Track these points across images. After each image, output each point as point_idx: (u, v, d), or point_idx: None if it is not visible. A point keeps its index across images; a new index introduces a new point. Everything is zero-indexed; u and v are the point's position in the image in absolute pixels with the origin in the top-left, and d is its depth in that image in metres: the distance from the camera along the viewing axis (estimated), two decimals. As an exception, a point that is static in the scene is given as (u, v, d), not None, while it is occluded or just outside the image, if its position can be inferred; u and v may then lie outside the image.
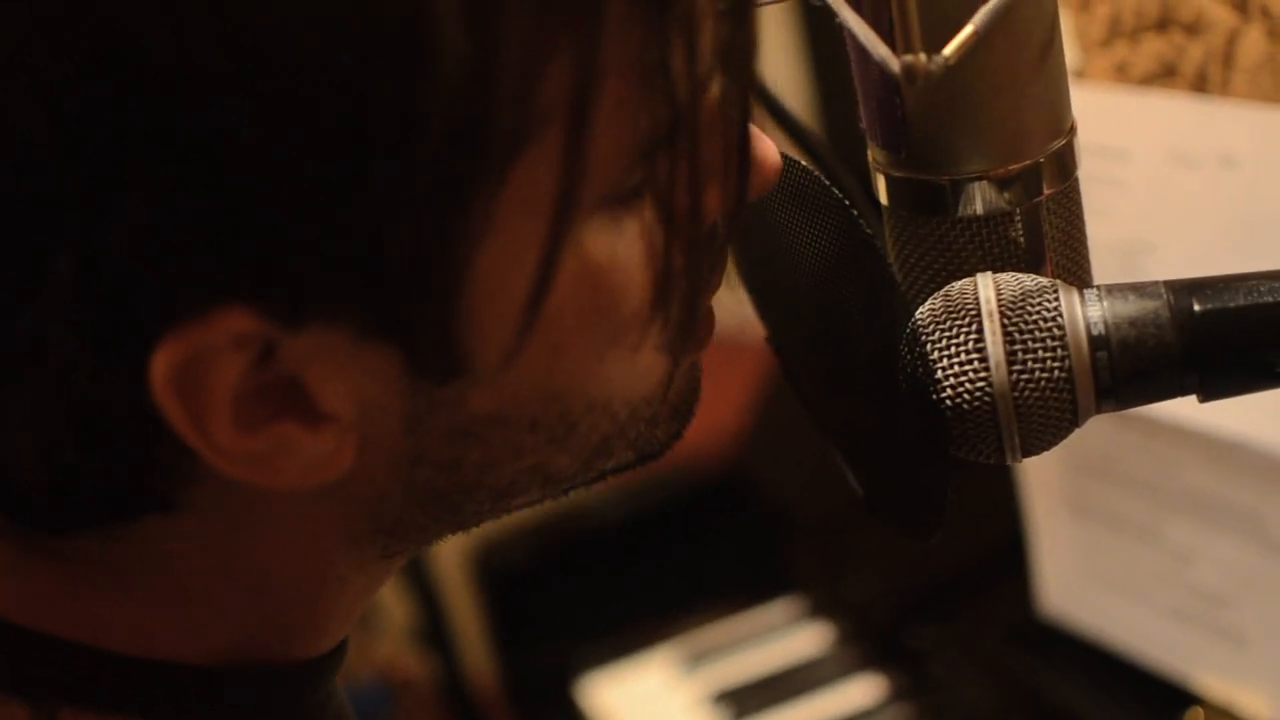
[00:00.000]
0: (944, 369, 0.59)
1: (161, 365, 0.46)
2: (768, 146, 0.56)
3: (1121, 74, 1.00)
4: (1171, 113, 0.96)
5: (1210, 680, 1.05)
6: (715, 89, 0.51)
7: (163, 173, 0.44)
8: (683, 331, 0.54)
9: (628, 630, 1.51)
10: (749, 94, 0.52)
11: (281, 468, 0.50)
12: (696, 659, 1.46)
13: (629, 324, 0.53)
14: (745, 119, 0.53)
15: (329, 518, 0.54)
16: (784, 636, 1.45)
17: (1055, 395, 0.59)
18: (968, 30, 0.55)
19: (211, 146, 0.44)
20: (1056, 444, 0.61)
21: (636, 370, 0.54)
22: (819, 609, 1.45)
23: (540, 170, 0.48)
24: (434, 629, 1.78)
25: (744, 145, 0.53)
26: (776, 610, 1.48)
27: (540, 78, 0.47)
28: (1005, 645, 1.23)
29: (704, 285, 0.54)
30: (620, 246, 0.51)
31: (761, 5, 0.62)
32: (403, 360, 0.49)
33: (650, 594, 1.55)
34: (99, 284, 0.45)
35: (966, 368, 0.59)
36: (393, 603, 1.96)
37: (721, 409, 1.60)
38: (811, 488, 1.45)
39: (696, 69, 0.50)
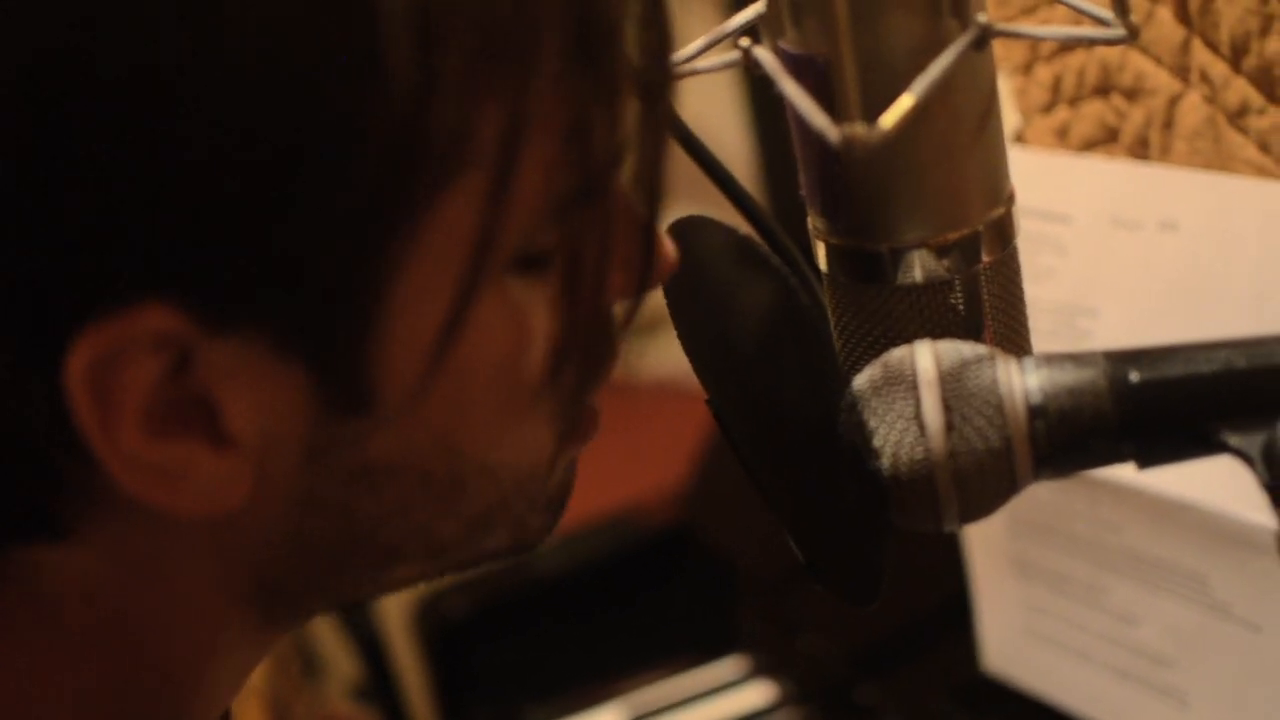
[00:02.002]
0: (882, 437, 0.59)
1: (82, 356, 0.47)
2: (666, 244, 0.57)
3: (1062, 138, 1.00)
4: (1112, 176, 0.97)
5: (1153, 740, 1.05)
6: (627, 169, 0.53)
7: (105, 167, 0.45)
8: (567, 413, 0.56)
9: (574, 686, 1.50)
10: (660, 175, 0.54)
11: (180, 487, 0.50)
12: (643, 715, 1.46)
13: (525, 389, 0.54)
14: (656, 202, 0.54)
15: (214, 571, 0.54)
16: (731, 693, 1.44)
17: (993, 464, 0.59)
18: (906, 101, 0.56)
19: (156, 148, 0.45)
20: (994, 512, 0.61)
21: (526, 440, 0.56)
22: (766, 666, 1.45)
23: (462, 212, 0.49)
24: (378, 682, 1.77)
25: (651, 227, 0.54)
26: (724, 667, 1.48)
27: (474, 116, 0.48)
28: (949, 703, 1.22)
29: (591, 369, 0.56)
30: (528, 309, 0.53)
31: (703, 72, 0.62)
32: (311, 387, 0.50)
33: (597, 649, 1.54)
34: (26, 270, 0.46)
35: (905, 436, 0.59)
36: (336, 656, 1.94)
37: (669, 462, 1.60)
38: (759, 543, 1.45)
39: (615, 138, 0.51)
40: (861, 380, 0.60)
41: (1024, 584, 1.11)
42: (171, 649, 0.56)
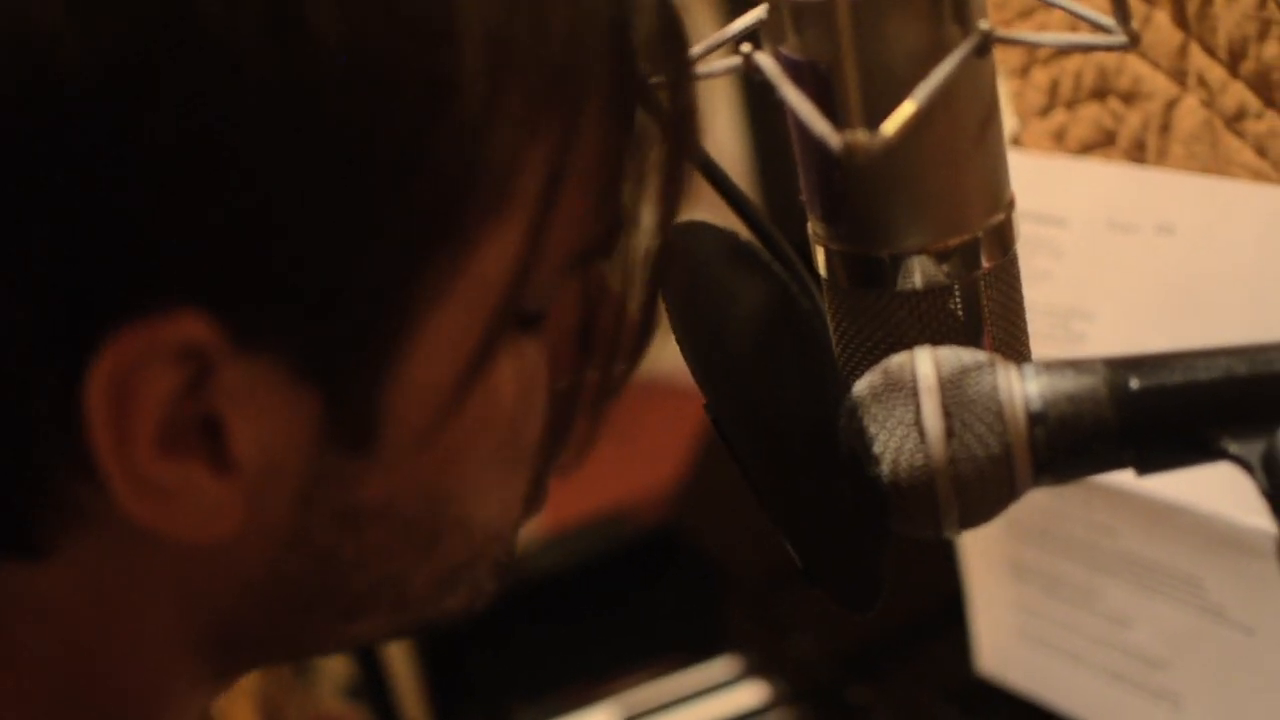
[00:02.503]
0: (882, 444, 0.59)
1: (109, 362, 0.46)
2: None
3: (1059, 141, 1.00)
4: (1108, 180, 0.97)
5: (1146, 743, 1.05)
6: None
7: (162, 167, 0.44)
8: (540, 478, 0.57)
9: (566, 686, 1.50)
10: (668, 236, 0.55)
11: (175, 509, 0.49)
12: (634, 716, 1.45)
13: (520, 446, 0.55)
14: (661, 269, 0.55)
15: (179, 607, 0.53)
16: (722, 694, 1.44)
17: (993, 471, 0.59)
18: (908, 108, 0.55)
19: (217, 153, 0.45)
20: (993, 518, 0.61)
21: (504, 500, 0.56)
22: (758, 667, 1.45)
23: (497, 256, 0.49)
24: (369, 682, 1.77)
25: (651, 296, 0.55)
26: (715, 668, 1.47)
27: (524, 154, 0.49)
28: (942, 705, 1.22)
29: (578, 434, 0.56)
30: (536, 366, 0.53)
31: (704, 78, 0.62)
32: (321, 420, 0.49)
33: (588, 650, 1.54)
34: (61, 271, 0.45)
35: (905, 443, 0.59)
36: (330, 656, 1.94)
37: (659, 462, 1.60)
38: (751, 543, 1.45)
39: (638, 195, 0.52)
40: (861, 386, 0.60)
41: (1018, 586, 1.11)
42: (123, 690, 0.55)
